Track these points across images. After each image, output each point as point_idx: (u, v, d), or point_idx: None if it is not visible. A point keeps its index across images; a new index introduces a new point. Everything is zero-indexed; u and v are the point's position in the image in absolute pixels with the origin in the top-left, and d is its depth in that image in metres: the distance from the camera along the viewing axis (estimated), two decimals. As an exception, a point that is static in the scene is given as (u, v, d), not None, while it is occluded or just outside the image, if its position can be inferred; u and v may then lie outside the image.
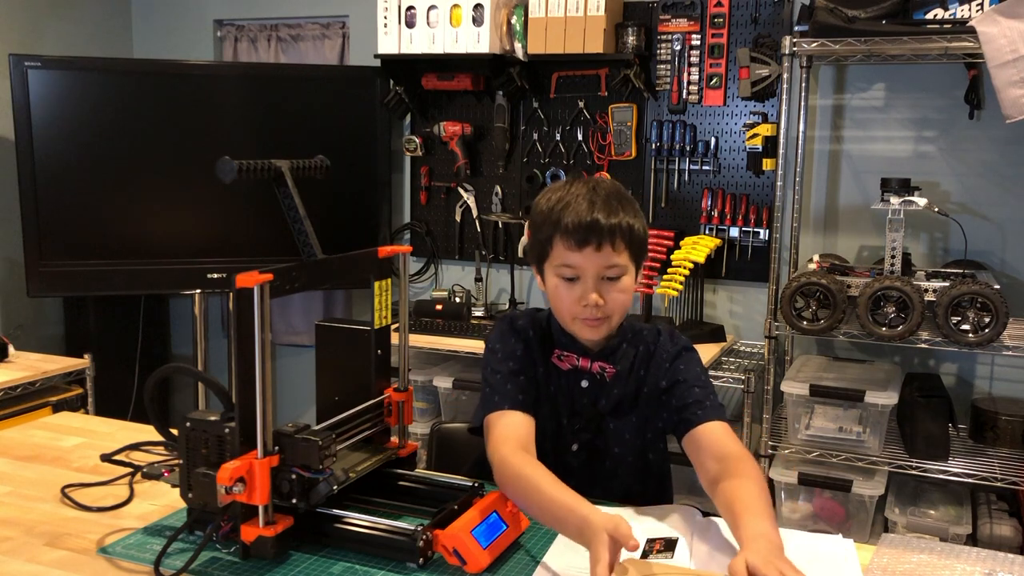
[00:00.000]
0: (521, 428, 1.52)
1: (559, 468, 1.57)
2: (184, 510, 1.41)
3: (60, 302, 3.86)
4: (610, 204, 1.49)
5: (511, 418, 1.52)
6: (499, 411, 1.53)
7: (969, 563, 1.34)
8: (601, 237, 1.47)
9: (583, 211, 1.48)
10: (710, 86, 3.26)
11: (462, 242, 3.72)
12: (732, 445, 1.50)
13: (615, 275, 1.51)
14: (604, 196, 1.50)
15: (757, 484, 1.39)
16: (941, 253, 3.07)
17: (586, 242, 1.47)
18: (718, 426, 1.53)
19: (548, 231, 1.52)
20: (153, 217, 3.49)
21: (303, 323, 4.02)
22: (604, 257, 1.48)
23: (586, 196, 1.50)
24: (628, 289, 1.53)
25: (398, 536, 1.31)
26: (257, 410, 1.26)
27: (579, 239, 1.48)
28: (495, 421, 1.52)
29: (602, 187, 1.53)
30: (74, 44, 3.91)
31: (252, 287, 1.23)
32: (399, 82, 3.57)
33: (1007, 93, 2.48)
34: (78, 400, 3.15)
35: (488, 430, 1.53)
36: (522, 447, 1.47)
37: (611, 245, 1.48)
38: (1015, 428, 2.76)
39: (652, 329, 1.67)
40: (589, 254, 1.48)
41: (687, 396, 1.56)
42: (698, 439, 1.52)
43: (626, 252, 1.50)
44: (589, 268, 1.49)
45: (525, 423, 1.53)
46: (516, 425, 1.52)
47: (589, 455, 1.64)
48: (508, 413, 1.52)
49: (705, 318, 3.32)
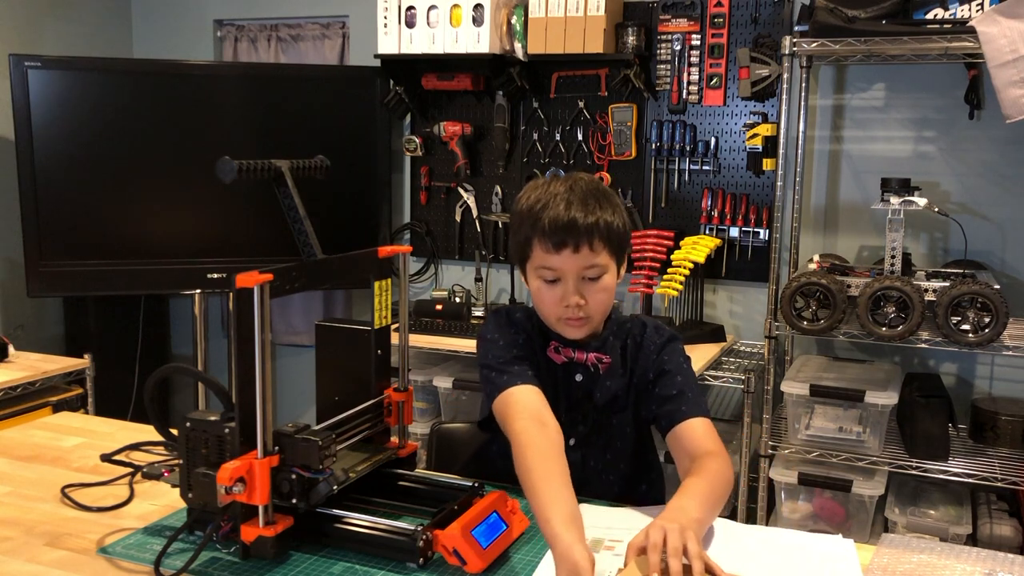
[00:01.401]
0: (536, 399, 1.50)
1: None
2: (184, 510, 1.41)
3: (60, 302, 3.86)
4: (587, 203, 1.49)
5: (524, 392, 1.50)
6: (510, 388, 1.51)
7: (969, 563, 1.34)
8: (579, 238, 1.47)
9: (560, 212, 1.48)
10: (710, 86, 3.26)
11: (462, 242, 3.72)
12: (708, 443, 1.51)
13: (595, 275, 1.51)
14: (581, 195, 1.50)
15: (708, 476, 1.41)
16: (941, 253, 3.07)
17: (563, 244, 1.47)
18: (699, 423, 1.54)
19: (527, 232, 1.52)
20: (153, 217, 3.49)
21: (303, 323, 4.02)
22: (583, 258, 1.49)
23: (563, 196, 1.50)
24: (609, 288, 1.54)
25: (398, 536, 1.31)
26: (257, 410, 1.26)
27: (556, 241, 1.48)
28: (507, 399, 1.50)
29: (579, 185, 1.52)
30: (74, 44, 3.91)
31: (252, 287, 1.23)
32: (399, 82, 3.57)
33: (1007, 93, 2.48)
34: (78, 400, 3.15)
35: (502, 408, 1.50)
36: (538, 420, 1.45)
37: (588, 246, 1.48)
38: (1015, 428, 2.76)
39: (636, 321, 1.67)
40: (568, 256, 1.48)
41: (670, 387, 1.57)
42: (679, 436, 1.54)
43: (605, 251, 1.50)
44: (569, 270, 1.50)
45: (539, 395, 1.51)
46: (530, 398, 1.49)
47: (585, 450, 1.64)
48: (520, 388, 1.51)
49: (705, 318, 3.32)
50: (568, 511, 1.25)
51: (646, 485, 1.69)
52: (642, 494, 1.67)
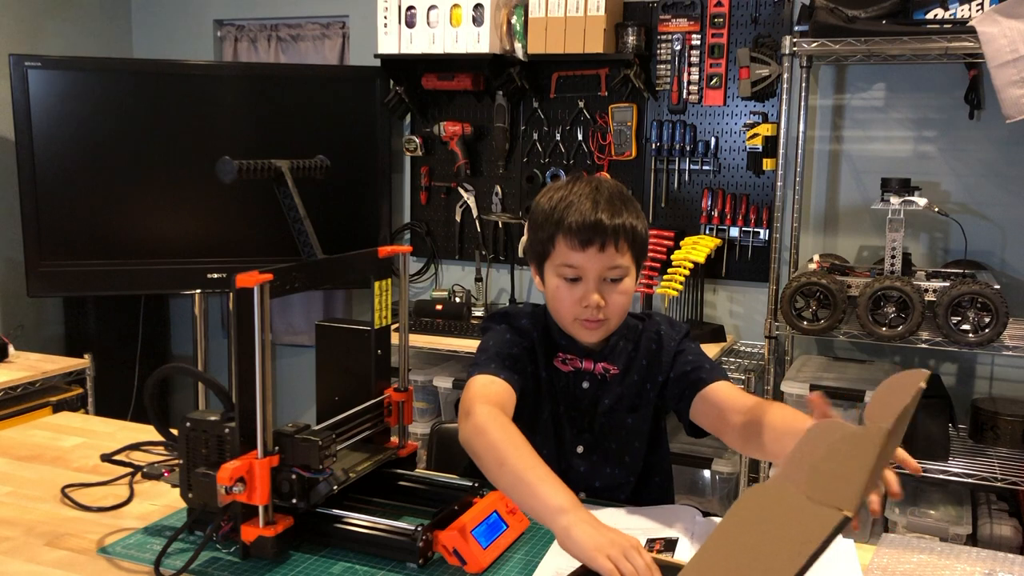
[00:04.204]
0: (506, 395, 1.47)
1: (563, 471, 1.57)
2: (184, 510, 1.41)
3: (60, 302, 3.86)
4: (613, 204, 1.48)
5: (500, 384, 1.48)
6: (490, 375, 1.49)
7: (969, 563, 1.34)
8: (605, 237, 1.46)
9: (587, 211, 1.46)
10: (710, 86, 3.26)
11: (462, 242, 3.72)
12: (749, 397, 1.49)
13: (617, 276, 1.49)
14: (607, 196, 1.49)
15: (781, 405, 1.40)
16: (941, 253, 3.07)
17: (590, 242, 1.46)
18: (726, 385, 1.53)
19: (550, 230, 1.50)
20: (153, 217, 3.49)
21: (303, 323, 4.02)
22: (607, 258, 1.47)
23: (589, 196, 1.48)
24: (629, 291, 1.52)
25: (398, 536, 1.31)
26: (257, 410, 1.26)
27: (583, 239, 1.46)
28: (481, 380, 1.48)
29: (604, 187, 1.51)
30: (74, 44, 3.91)
31: (252, 287, 1.23)
32: (399, 82, 3.57)
33: (1007, 93, 2.48)
34: (78, 400, 3.15)
35: (471, 388, 1.48)
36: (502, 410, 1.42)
37: (614, 246, 1.47)
38: (1015, 428, 2.76)
39: (651, 321, 1.65)
40: (592, 254, 1.47)
41: (687, 364, 1.57)
42: (711, 398, 1.52)
43: (629, 253, 1.49)
44: (591, 269, 1.48)
45: (511, 396, 1.48)
46: (502, 391, 1.47)
47: (593, 457, 1.63)
48: (499, 380, 1.49)
49: (705, 318, 3.32)
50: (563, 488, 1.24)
51: (653, 492, 1.68)
52: (652, 495, 1.66)
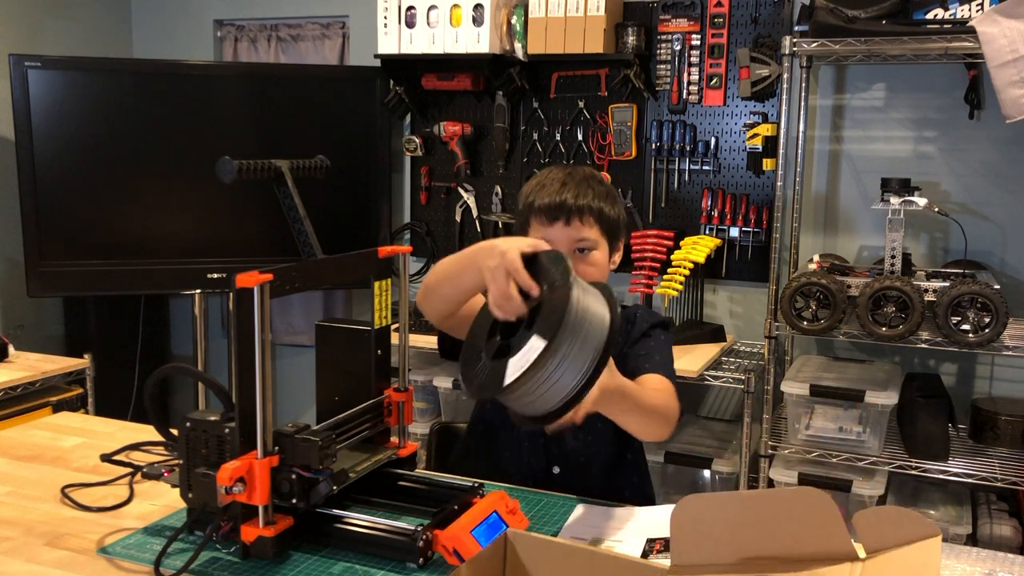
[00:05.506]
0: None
1: (541, 472, 1.59)
2: (184, 510, 1.41)
3: (60, 302, 3.86)
4: (580, 186, 1.59)
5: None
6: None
7: (969, 563, 1.34)
8: (570, 214, 1.57)
9: (555, 192, 1.58)
10: (710, 86, 3.26)
11: (462, 242, 3.72)
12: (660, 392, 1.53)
13: (585, 247, 1.58)
14: (578, 180, 1.60)
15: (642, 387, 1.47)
16: (941, 253, 3.07)
17: (555, 218, 1.58)
18: (656, 378, 1.57)
19: (526, 213, 1.62)
20: (153, 217, 3.49)
21: (303, 323, 4.02)
22: (574, 231, 1.58)
23: (560, 179, 1.60)
24: (599, 264, 1.60)
25: (398, 536, 1.31)
26: (257, 410, 1.26)
27: (550, 216, 1.58)
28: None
29: (578, 172, 1.62)
30: (74, 44, 3.91)
31: (252, 287, 1.23)
32: (399, 82, 3.57)
33: (1007, 93, 2.48)
34: (78, 400, 3.15)
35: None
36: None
37: (579, 220, 1.57)
38: (1015, 428, 2.76)
39: (632, 307, 1.71)
40: (560, 228, 1.58)
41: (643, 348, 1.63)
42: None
43: (596, 227, 1.58)
44: (561, 242, 1.57)
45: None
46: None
47: (570, 454, 1.66)
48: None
49: (705, 318, 3.32)
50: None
51: (630, 489, 1.70)
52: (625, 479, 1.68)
